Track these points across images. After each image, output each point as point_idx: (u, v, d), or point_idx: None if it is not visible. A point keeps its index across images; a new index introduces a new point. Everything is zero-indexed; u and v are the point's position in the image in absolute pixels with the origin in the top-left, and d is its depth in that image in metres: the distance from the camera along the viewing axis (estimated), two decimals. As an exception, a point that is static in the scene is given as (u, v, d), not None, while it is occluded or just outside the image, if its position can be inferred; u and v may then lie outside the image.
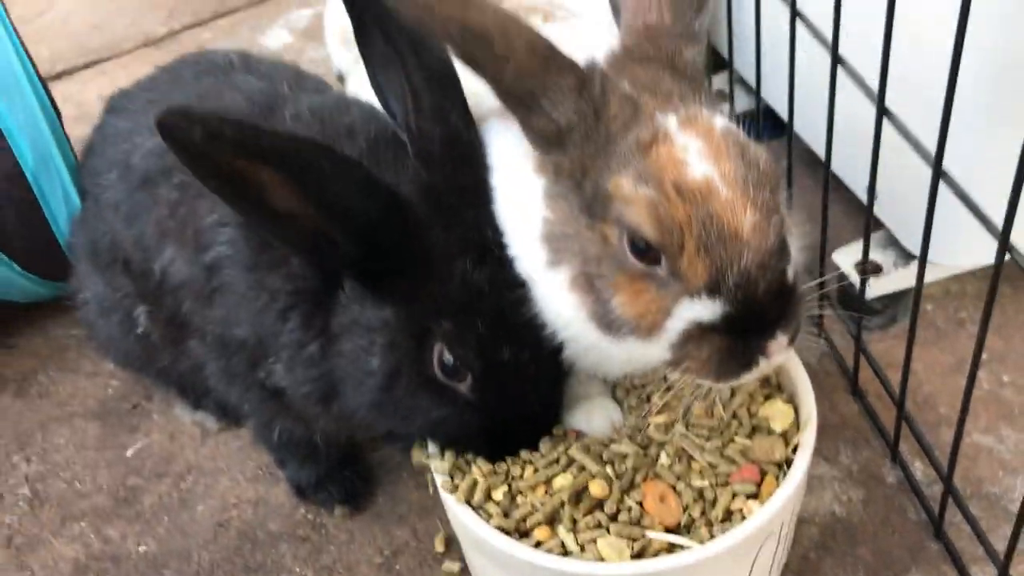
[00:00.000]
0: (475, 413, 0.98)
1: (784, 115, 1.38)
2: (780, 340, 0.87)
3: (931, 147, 0.99)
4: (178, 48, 2.45)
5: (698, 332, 0.86)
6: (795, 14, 1.24)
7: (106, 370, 1.58)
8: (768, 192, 0.85)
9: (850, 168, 1.43)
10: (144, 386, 1.52)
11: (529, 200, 0.93)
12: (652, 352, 0.91)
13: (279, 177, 0.86)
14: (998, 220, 0.90)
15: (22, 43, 1.31)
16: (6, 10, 1.32)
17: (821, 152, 1.28)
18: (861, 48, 1.12)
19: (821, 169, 1.29)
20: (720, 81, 1.81)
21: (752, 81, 1.51)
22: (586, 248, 0.89)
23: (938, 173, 1.00)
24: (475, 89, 0.93)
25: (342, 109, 1.08)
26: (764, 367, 0.88)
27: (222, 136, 0.82)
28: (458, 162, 0.98)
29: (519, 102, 0.87)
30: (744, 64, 1.62)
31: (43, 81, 1.35)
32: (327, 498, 1.32)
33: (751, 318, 0.85)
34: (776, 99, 1.55)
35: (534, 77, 0.85)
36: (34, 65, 1.34)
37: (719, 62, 1.78)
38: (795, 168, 1.43)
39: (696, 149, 0.85)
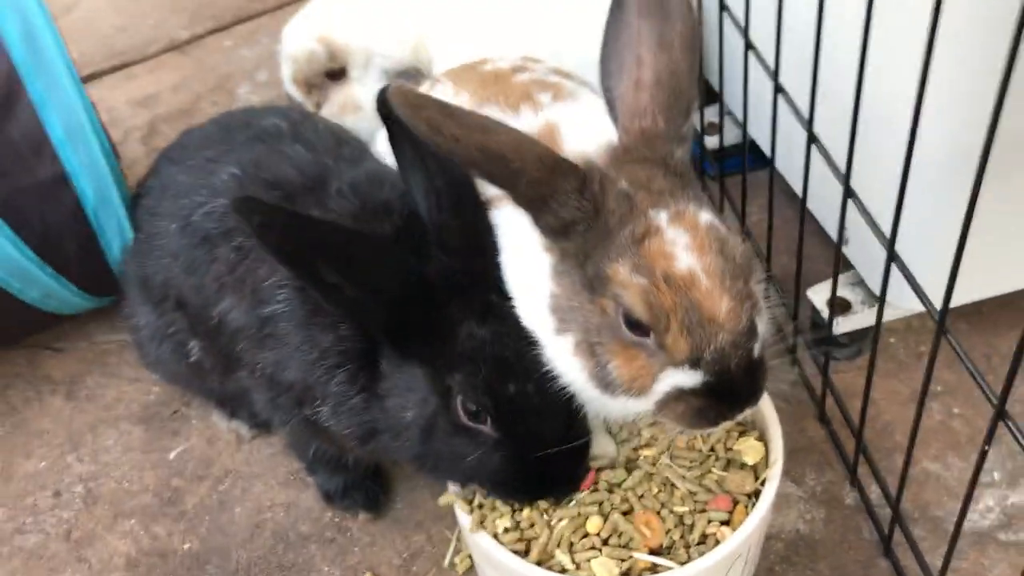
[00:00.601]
0: (503, 449, 1.12)
1: (768, 150, 1.53)
2: (745, 405, 1.04)
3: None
4: (201, 53, 2.57)
5: (678, 393, 1.01)
6: (777, 89, 1.38)
7: (147, 376, 1.72)
8: (742, 282, 1.00)
9: (825, 209, 1.57)
10: (183, 394, 1.68)
11: (538, 275, 1.08)
12: (641, 406, 1.06)
13: (323, 258, 1.01)
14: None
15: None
16: (72, 59, 1.44)
17: (799, 189, 1.43)
18: (836, 117, 1.27)
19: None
20: (711, 113, 1.96)
21: (740, 115, 1.66)
22: (588, 319, 1.04)
23: (893, 242, 1.15)
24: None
25: (378, 185, 1.22)
26: (730, 422, 1.06)
27: (276, 226, 0.98)
28: (470, 250, 1.13)
29: (531, 205, 1.01)
30: (734, 99, 1.75)
31: (104, 127, 1.49)
32: (352, 504, 1.47)
33: (723, 386, 1.01)
34: (761, 136, 1.69)
35: (543, 185, 0.99)
36: (96, 109, 1.47)
37: (712, 95, 1.93)
38: (778, 200, 1.59)
39: (683, 243, 0.99)
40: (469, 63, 1.52)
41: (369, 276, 1.04)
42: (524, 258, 1.11)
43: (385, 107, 1.08)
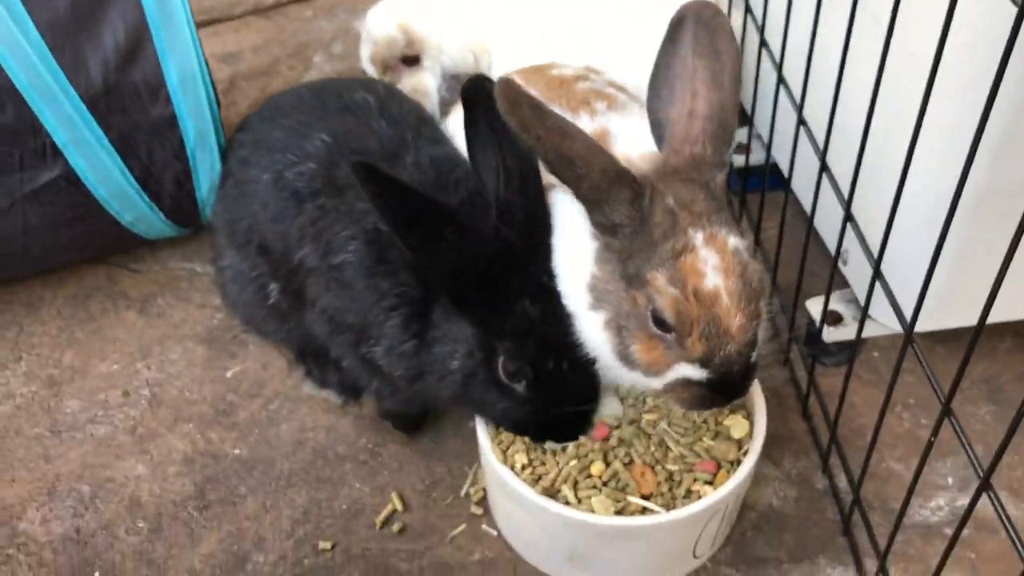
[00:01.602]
0: (530, 406, 1.33)
1: (787, 173, 1.73)
2: (736, 397, 1.27)
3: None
4: (283, 20, 2.77)
5: (685, 381, 1.24)
6: (800, 122, 1.58)
7: (212, 303, 1.93)
8: (754, 304, 1.21)
9: (829, 231, 1.77)
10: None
11: (582, 256, 1.28)
12: (651, 384, 1.29)
13: (414, 221, 1.21)
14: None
15: (201, 42, 1.66)
16: (191, 11, 1.65)
17: (809, 211, 1.63)
18: (847, 151, 1.46)
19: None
20: (741, 135, 2.15)
21: (767, 139, 1.86)
22: (620, 304, 1.24)
23: (879, 261, 1.34)
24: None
25: (452, 163, 1.41)
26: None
27: (383, 190, 1.18)
28: (530, 228, 1.30)
29: (588, 203, 1.19)
30: (762, 124, 1.94)
31: (212, 77, 1.70)
32: (404, 426, 1.65)
33: (722, 382, 1.23)
34: (782, 160, 1.89)
35: (602, 191, 1.17)
36: (207, 63, 1.68)
37: (743, 117, 2.12)
38: (790, 219, 1.78)
39: (713, 264, 1.18)
40: (538, 66, 1.71)
41: (445, 242, 1.23)
42: (572, 239, 1.30)
43: (470, 92, 1.29)
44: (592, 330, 1.29)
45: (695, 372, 1.22)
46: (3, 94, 1.52)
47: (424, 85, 2.10)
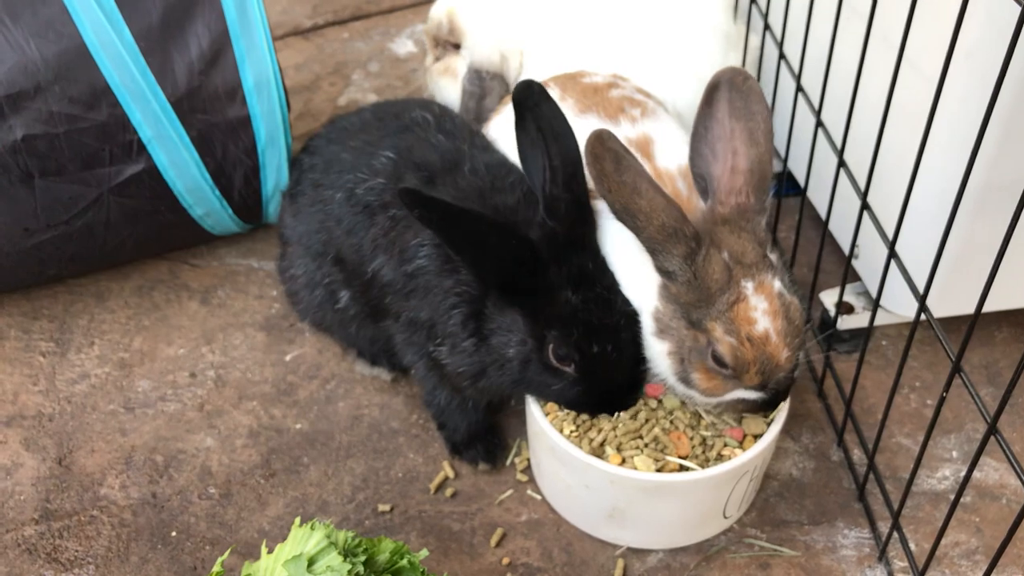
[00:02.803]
0: (580, 385, 1.46)
1: (802, 180, 1.90)
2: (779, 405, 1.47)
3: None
4: (321, 41, 2.94)
5: (740, 400, 1.43)
6: (819, 122, 1.74)
7: (270, 294, 2.08)
8: (797, 338, 1.38)
9: (842, 231, 1.93)
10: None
11: (647, 287, 1.43)
12: (708, 402, 1.46)
13: (458, 232, 1.33)
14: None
15: (275, 50, 1.82)
16: (267, 20, 1.80)
17: (824, 214, 1.79)
18: (860, 147, 1.62)
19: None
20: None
21: (783, 150, 2.03)
22: (683, 340, 1.40)
23: (894, 244, 1.50)
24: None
25: (505, 168, 1.55)
26: None
27: (428, 210, 1.30)
28: (574, 221, 1.41)
29: (648, 248, 1.35)
30: (780, 135, 2.11)
31: (284, 82, 1.86)
32: (474, 455, 1.72)
33: (771, 398, 1.42)
34: (798, 170, 2.06)
35: (659, 244, 1.33)
36: (280, 69, 1.84)
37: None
38: (806, 223, 1.95)
39: (762, 309, 1.34)
40: (571, 73, 1.85)
41: (488, 247, 1.34)
42: (637, 266, 1.44)
43: (521, 95, 1.41)
44: (656, 355, 1.46)
45: (750, 394, 1.41)
46: (99, 94, 1.68)
47: (455, 69, 2.24)
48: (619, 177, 1.30)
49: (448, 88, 2.27)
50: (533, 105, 1.40)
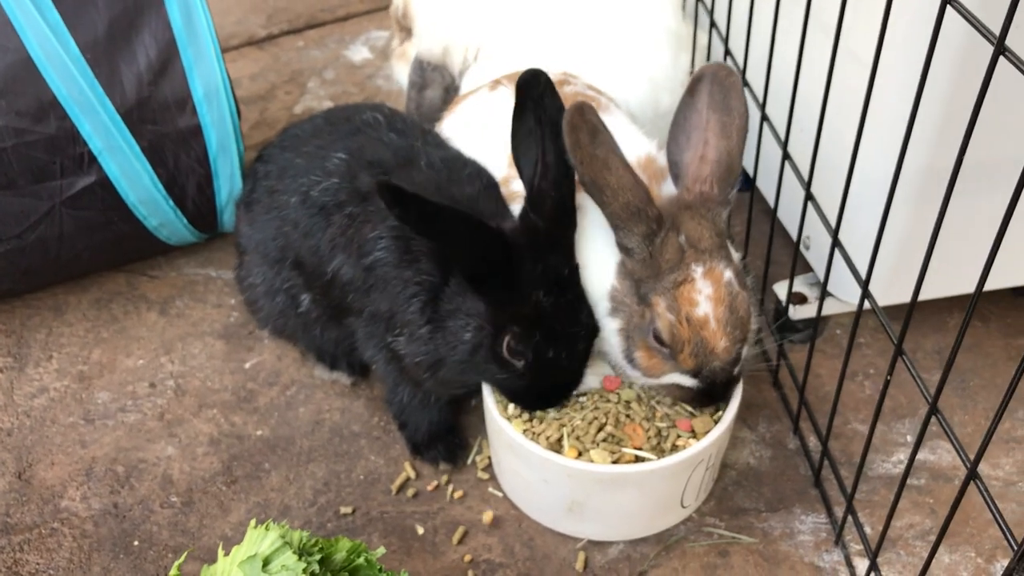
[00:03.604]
0: (525, 380, 1.48)
1: (752, 173, 1.92)
2: (716, 403, 1.51)
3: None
4: (276, 50, 2.94)
5: (677, 385, 1.46)
6: (763, 116, 1.77)
7: (228, 303, 2.09)
8: (739, 329, 1.41)
9: (791, 221, 1.96)
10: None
11: (607, 267, 1.46)
12: (649, 382, 1.50)
13: (432, 224, 1.33)
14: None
15: (224, 57, 1.82)
16: (214, 29, 1.81)
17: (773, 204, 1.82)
18: (807, 138, 1.65)
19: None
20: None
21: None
22: (632, 316, 1.44)
23: (837, 231, 1.53)
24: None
25: (461, 162, 1.57)
26: None
27: (405, 204, 1.30)
28: (557, 220, 1.42)
29: (611, 223, 1.38)
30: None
31: (239, 92, 1.87)
32: (435, 456, 1.73)
33: (707, 391, 1.46)
34: (747, 163, 2.08)
35: (622, 220, 1.37)
36: (235, 79, 1.85)
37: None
38: (758, 216, 1.97)
39: (706, 294, 1.38)
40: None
41: (459, 238, 1.35)
42: (601, 249, 1.47)
43: (525, 83, 1.40)
44: (608, 334, 1.49)
45: (685, 380, 1.45)
46: (46, 107, 1.68)
47: (407, 55, 2.24)
48: (593, 150, 1.34)
49: (403, 73, 2.27)
50: (537, 96, 1.40)
